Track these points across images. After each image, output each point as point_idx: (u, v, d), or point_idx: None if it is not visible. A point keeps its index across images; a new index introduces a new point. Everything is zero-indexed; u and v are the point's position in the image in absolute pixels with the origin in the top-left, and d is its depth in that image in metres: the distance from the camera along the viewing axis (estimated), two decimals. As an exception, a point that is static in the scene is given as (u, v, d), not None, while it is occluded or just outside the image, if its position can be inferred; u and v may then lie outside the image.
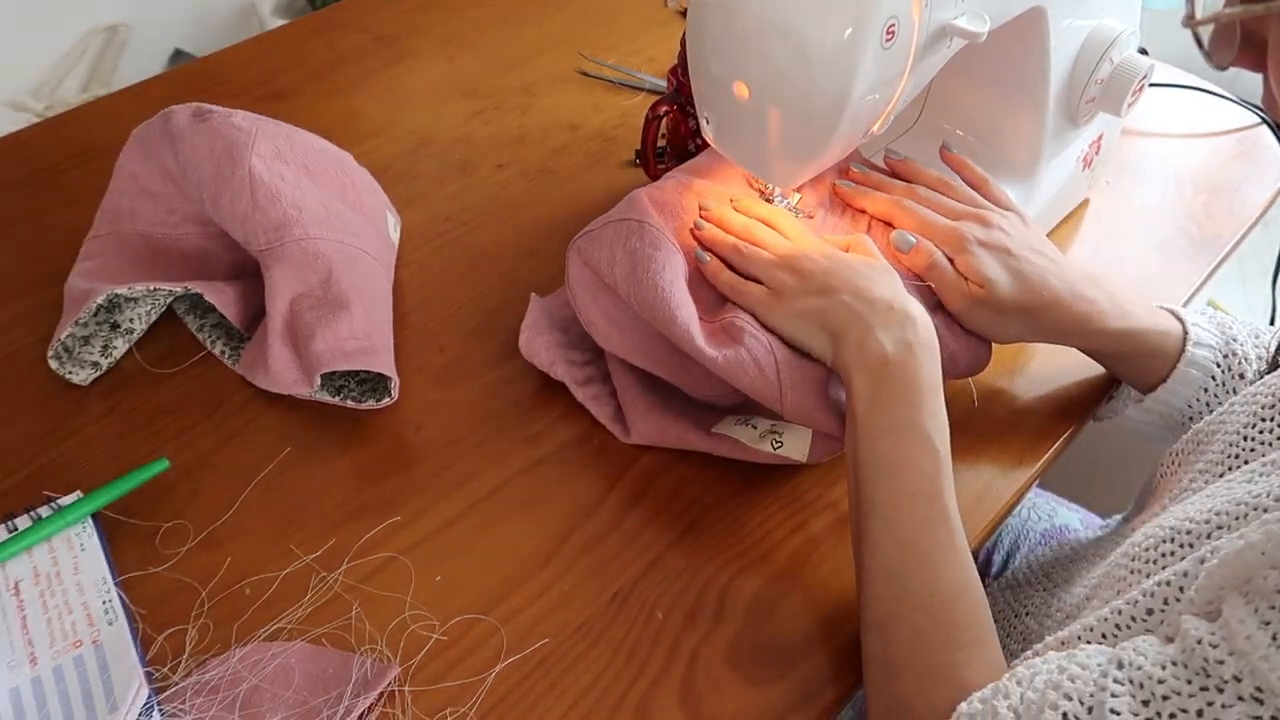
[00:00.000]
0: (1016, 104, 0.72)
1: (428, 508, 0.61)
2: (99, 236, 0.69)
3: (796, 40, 0.54)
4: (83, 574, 0.55)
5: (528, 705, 0.52)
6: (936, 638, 0.48)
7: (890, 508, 0.51)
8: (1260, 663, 0.35)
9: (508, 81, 0.95)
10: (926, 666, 0.48)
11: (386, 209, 0.75)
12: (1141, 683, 0.39)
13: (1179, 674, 0.38)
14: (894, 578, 0.50)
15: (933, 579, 0.49)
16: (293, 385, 0.62)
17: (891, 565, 0.50)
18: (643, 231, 0.61)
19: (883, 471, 0.52)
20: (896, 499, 0.51)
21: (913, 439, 0.52)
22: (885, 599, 0.50)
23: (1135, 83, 0.71)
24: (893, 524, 0.51)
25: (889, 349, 0.54)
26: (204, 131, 0.65)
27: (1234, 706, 0.36)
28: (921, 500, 0.51)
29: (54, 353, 0.65)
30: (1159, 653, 0.40)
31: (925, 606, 0.49)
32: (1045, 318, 0.61)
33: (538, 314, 0.65)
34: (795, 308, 0.58)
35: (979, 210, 0.64)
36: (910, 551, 0.50)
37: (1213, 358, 0.62)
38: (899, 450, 0.52)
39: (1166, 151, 0.91)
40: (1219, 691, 0.37)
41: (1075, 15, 0.68)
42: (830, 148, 0.59)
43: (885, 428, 0.53)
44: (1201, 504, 0.48)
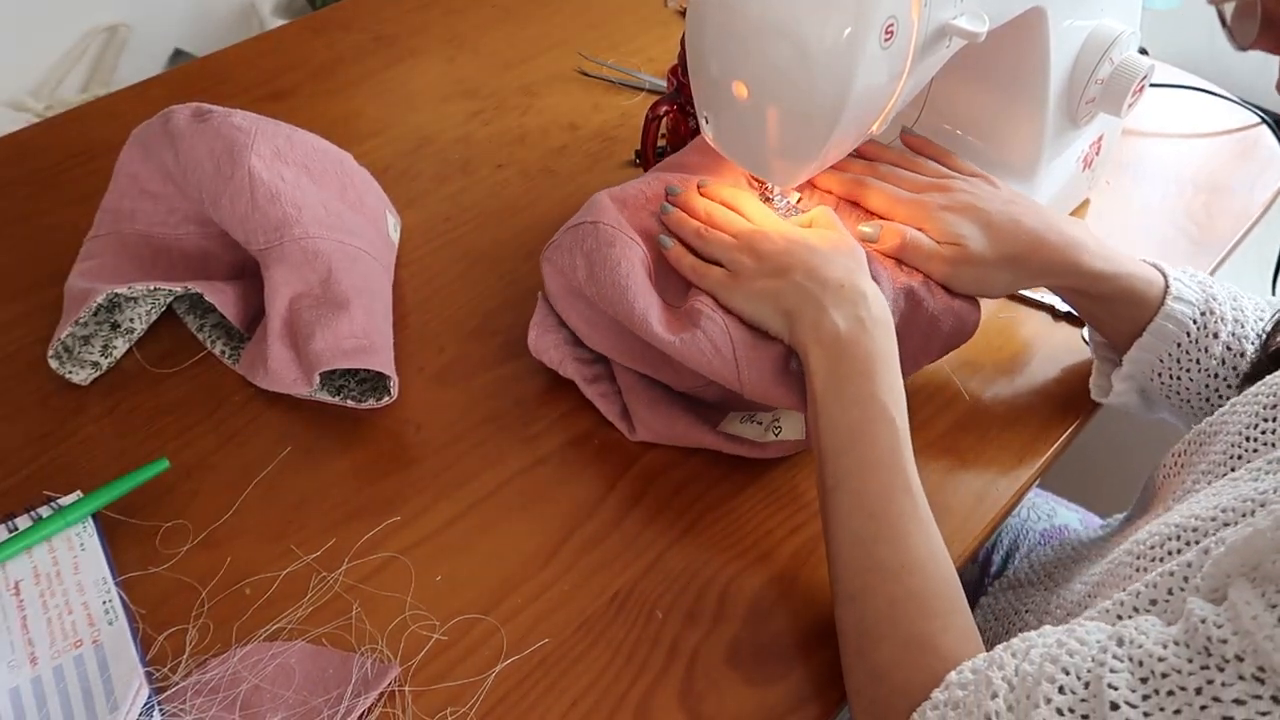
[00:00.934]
0: (1016, 104, 0.72)
1: (428, 508, 0.61)
2: (99, 236, 0.69)
3: (796, 40, 0.54)
4: (83, 574, 0.55)
5: (528, 705, 0.52)
6: (911, 606, 0.49)
7: (855, 479, 0.52)
8: (1265, 642, 0.35)
9: (508, 81, 0.95)
10: (904, 636, 0.48)
11: (386, 209, 0.75)
12: (1141, 660, 0.39)
13: (1180, 653, 0.38)
14: (864, 547, 0.51)
15: (902, 548, 0.50)
16: (292, 385, 0.62)
17: (861, 535, 0.51)
18: (597, 232, 0.62)
19: (844, 445, 0.53)
20: (861, 471, 0.52)
21: (872, 411, 0.53)
22: (857, 570, 0.51)
23: (1135, 83, 0.71)
24: (859, 495, 0.52)
25: (841, 326, 0.55)
26: (204, 131, 0.65)
27: (1234, 685, 0.36)
28: (884, 470, 0.52)
29: (54, 353, 0.65)
30: (1161, 632, 0.40)
31: (898, 575, 0.49)
32: (1031, 260, 0.62)
33: (545, 312, 0.66)
34: (752, 289, 0.59)
35: (940, 180, 0.66)
36: (878, 520, 0.51)
37: (1190, 314, 0.62)
38: (859, 423, 0.53)
39: (1166, 151, 0.91)
40: (1219, 670, 0.36)
41: (1075, 15, 0.68)
42: (829, 147, 0.59)
43: (844, 402, 0.54)
44: (1206, 501, 0.48)
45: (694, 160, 0.70)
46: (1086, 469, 1.10)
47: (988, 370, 0.71)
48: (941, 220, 0.62)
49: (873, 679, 0.49)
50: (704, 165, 0.69)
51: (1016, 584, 0.74)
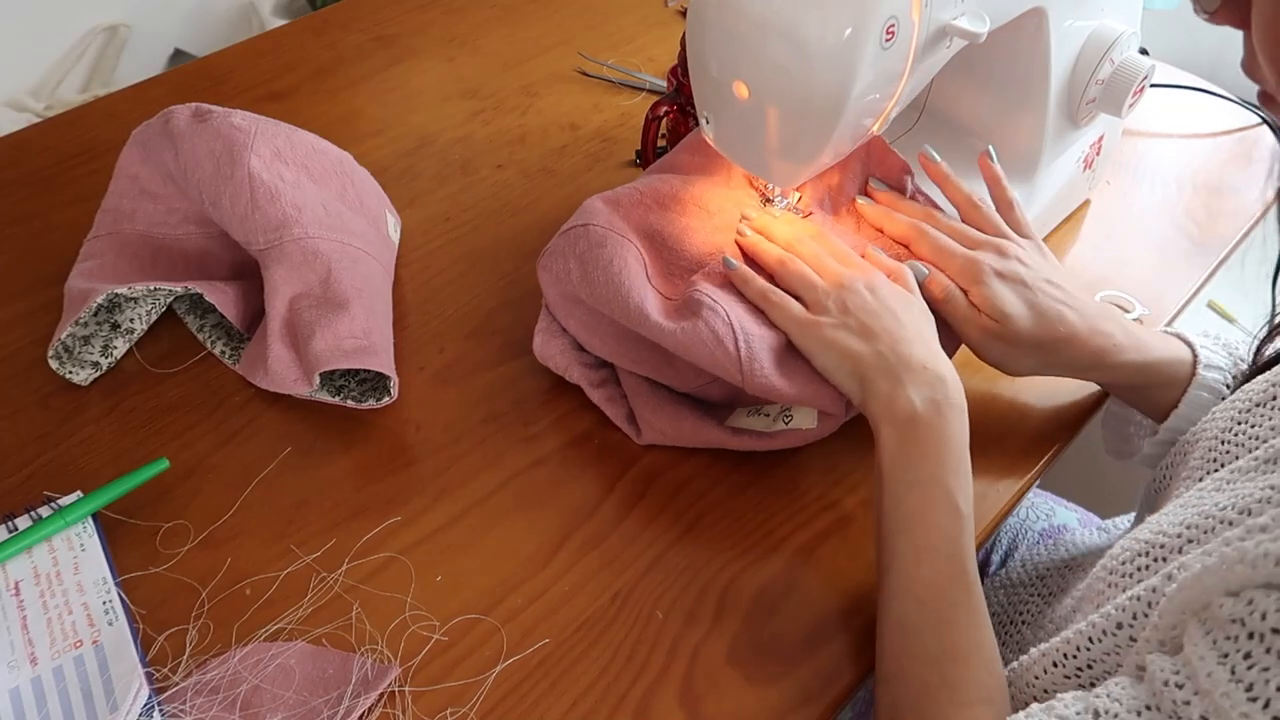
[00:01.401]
0: (1017, 105, 0.72)
1: (428, 508, 0.61)
2: (99, 236, 0.69)
3: (796, 40, 0.54)
4: (83, 574, 0.55)
5: (528, 705, 0.52)
6: (942, 695, 0.48)
7: (909, 562, 0.51)
8: (1222, 700, 0.35)
9: (508, 81, 0.95)
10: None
11: (386, 209, 0.75)
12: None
13: (1155, 719, 0.38)
14: (907, 632, 0.50)
15: (944, 636, 0.50)
16: (292, 385, 0.62)
17: (905, 620, 0.51)
18: (588, 234, 0.62)
19: (904, 526, 0.52)
20: (917, 554, 0.51)
21: (936, 496, 0.52)
22: (897, 653, 0.51)
23: (1136, 83, 0.71)
24: (910, 579, 0.51)
25: (918, 406, 0.54)
26: (204, 132, 0.65)
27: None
28: (941, 558, 0.51)
29: (54, 353, 0.65)
30: (1132, 698, 0.40)
31: (936, 662, 0.49)
32: (1062, 353, 0.60)
33: (548, 318, 0.65)
34: (831, 339, 0.57)
35: (997, 240, 0.63)
36: (925, 607, 0.50)
37: (1223, 379, 0.62)
38: (922, 506, 0.52)
39: (1166, 151, 0.91)
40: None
41: (1076, 16, 0.68)
42: (829, 147, 0.59)
43: (909, 483, 0.53)
44: (1175, 514, 0.48)
45: (685, 159, 0.70)
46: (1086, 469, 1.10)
47: (988, 370, 0.71)
48: (990, 289, 0.60)
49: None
50: (695, 164, 0.69)
51: (1010, 584, 0.74)
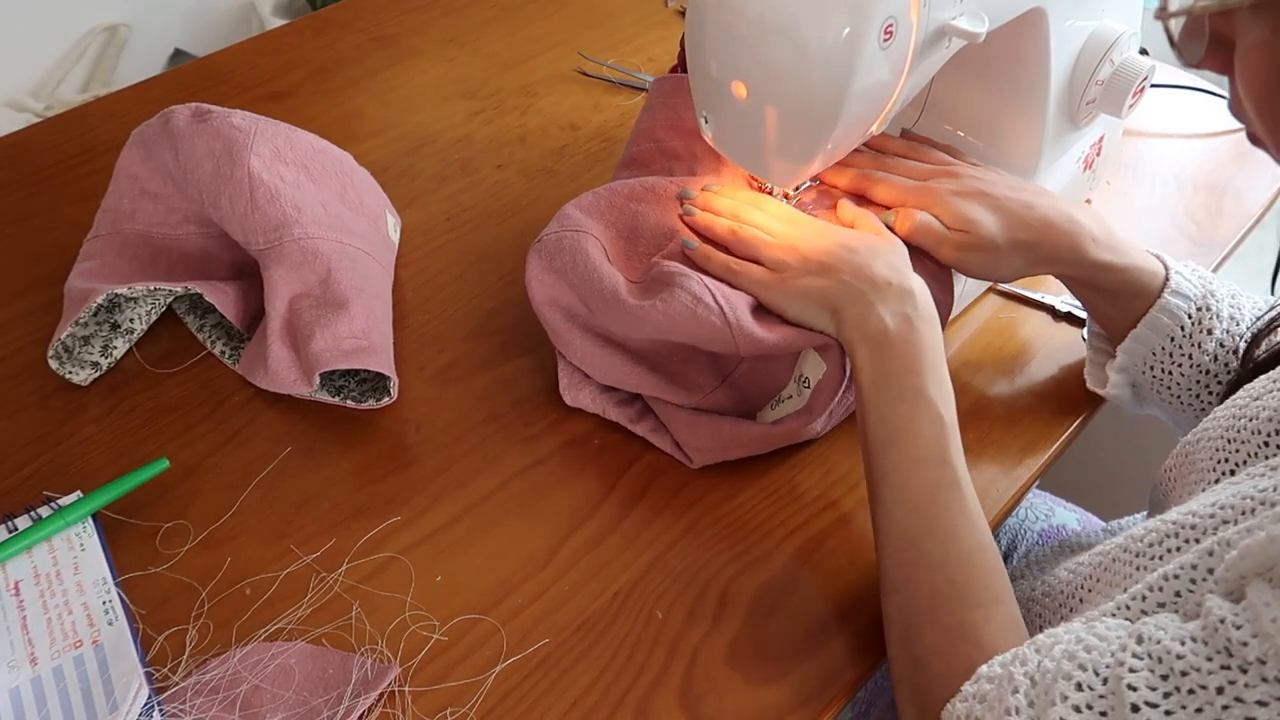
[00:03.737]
0: (1017, 105, 0.72)
1: (428, 508, 0.61)
2: (99, 237, 0.69)
3: (795, 40, 0.54)
4: (83, 574, 0.55)
5: (528, 705, 0.52)
6: (953, 597, 0.49)
7: (901, 474, 0.53)
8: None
9: (508, 81, 0.95)
10: (945, 626, 0.49)
11: (386, 209, 0.75)
12: (1160, 657, 0.39)
13: (1199, 650, 0.38)
14: (909, 541, 0.52)
15: (947, 541, 0.51)
16: (292, 385, 0.62)
17: (906, 529, 0.52)
18: (559, 241, 0.63)
19: (891, 439, 0.54)
20: (907, 465, 0.53)
21: (919, 406, 0.54)
22: (901, 562, 0.52)
23: (1136, 84, 0.70)
24: (904, 489, 0.53)
25: (889, 322, 0.56)
26: (203, 132, 0.65)
27: (1257, 687, 0.36)
28: (931, 465, 0.53)
29: (54, 353, 0.65)
30: (1179, 629, 0.40)
31: (941, 567, 0.50)
32: (1040, 246, 0.62)
33: (568, 367, 0.65)
34: (797, 287, 0.59)
35: (947, 166, 0.66)
36: (923, 515, 0.52)
37: (1185, 309, 0.62)
38: (905, 418, 0.54)
39: (1166, 151, 0.91)
40: (1242, 672, 0.37)
41: (1076, 16, 0.68)
42: (828, 147, 0.59)
43: (891, 398, 0.54)
44: (1205, 500, 0.48)
45: (639, 150, 0.71)
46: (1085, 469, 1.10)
47: (988, 370, 0.71)
48: (952, 205, 0.62)
49: (915, 666, 0.49)
50: (652, 153, 0.71)
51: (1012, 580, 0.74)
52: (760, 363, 0.63)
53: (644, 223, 0.65)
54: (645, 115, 0.73)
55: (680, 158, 0.70)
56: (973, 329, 0.74)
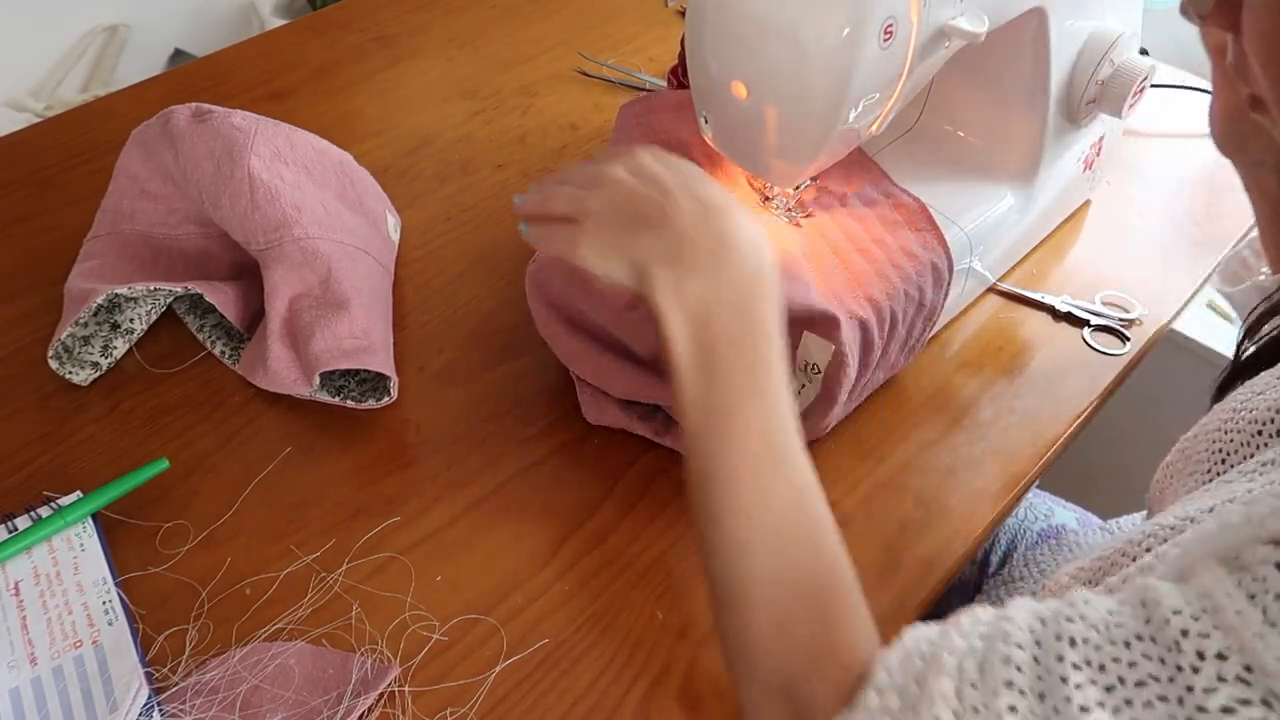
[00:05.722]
0: (1017, 105, 0.72)
1: (428, 508, 0.61)
2: (99, 237, 0.69)
3: (794, 40, 0.54)
4: (83, 574, 0.55)
5: (528, 705, 0.52)
6: (819, 591, 0.44)
7: (726, 467, 0.45)
8: (1255, 641, 0.33)
9: (508, 81, 0.95)
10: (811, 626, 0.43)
11: (386, 209, 0.75)
12: (1103, 664, 0.36)
13: (1150, 651, 0.35)
14: (739, 548, 0.45)
15: (796, 541, 0.45)
16: (292, 385, 0.62)
17: (738, 535, 0.45)
18: (556, 260, 0.62)
19: (711, 428, 0.46)
20: (730, 456, 0.46)
21: (742, 388, 0.46)
22: (733, 581, 0.46)
23: (1136, 84, 0.70)
24: (732, 483, 0.45)
25: (711, 292, 0.47)
26: (203, 132, 0.65)
27: (1218, 690, 0.33)
28: (756, 455, 0.45)
29: (54, 353, 0.65)
30: (1118, 625, 0.36)
31: (799, 567, 0.44)
32: None
33: (587, 388, 0.65)
34: (599, 241, 0.50)
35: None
36: (751, 517, 0.45)
37: None
38: (727, 403, 0.46)
39: (1166, 151, 0.91)
40: (1194, 672, 0.33)
41: (1075, 16, 0.68)
42: (828, 147, 0.59)
43: (710, 378, 0.47)
44: (1200, 500, 0.48)
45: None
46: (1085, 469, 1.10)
47: (987, 371, 0.71)
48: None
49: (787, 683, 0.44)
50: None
51: (1012, 580, 0.74)
52: None
53: None
54: (619, 135, 0.73)
55: None
56: (973, 329, 0.74)
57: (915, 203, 0.68)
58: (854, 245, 0.65)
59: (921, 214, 0.68)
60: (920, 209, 0.68)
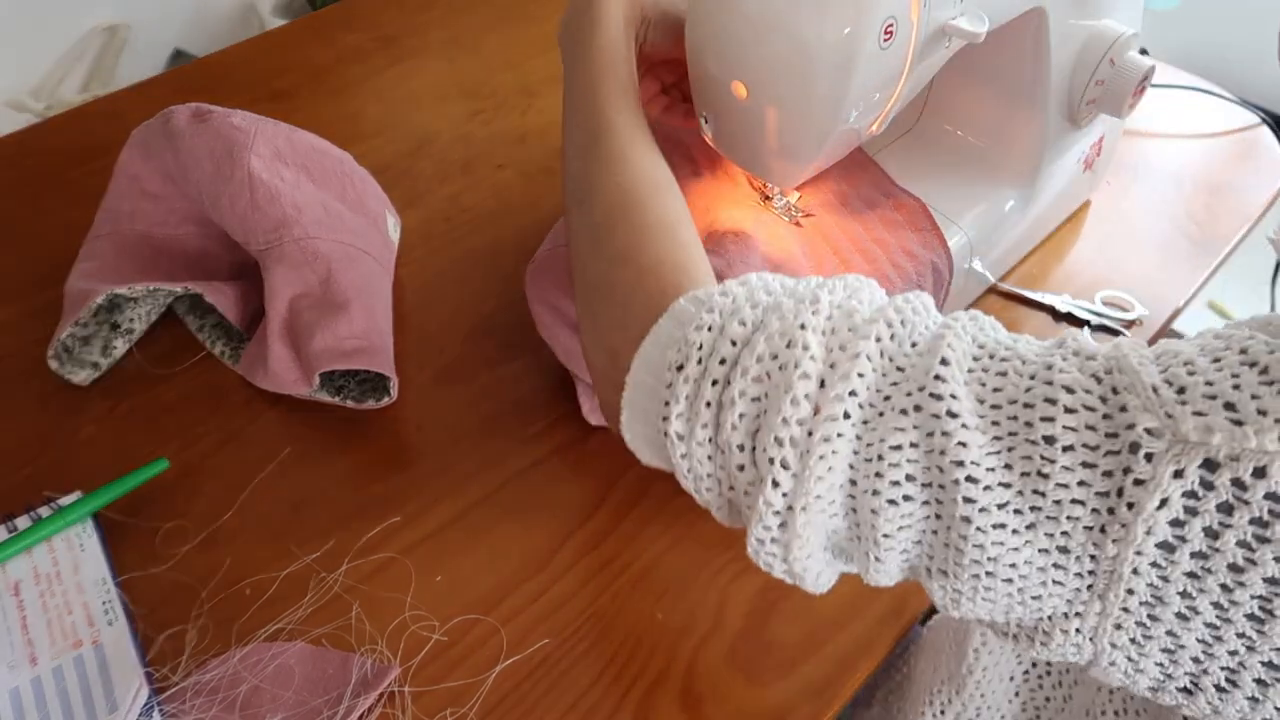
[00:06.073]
0: (1017, 105, 0.72)
1: (428, 508, 0.61)
2: (99, 237, 0.69)
3: (794, 40, 0.54)
4: (83, 574, 0.55)
5: (528, 706, 0.52)
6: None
7: (567, 132, 0.54)
8: (1130, 353, 0.34)
9: (508, 81, 0.95)
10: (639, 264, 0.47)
11: (386, 209, 0.75)
12: (984, 343, 0.38)
13: (1031, 346, 0.38)
14: (575, 201, 0.51)
15: (601, 189, 0.50)
16: (292, 385, 0.62)
17: (572, 190, 0.52)
18: (553, 255, 0.63)
19: (567, 117, 0.55)
20: (569, 125, 0.54)
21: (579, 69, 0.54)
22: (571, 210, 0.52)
23: (1136, 84, 0.70)
24: (568, 148, 0.53)
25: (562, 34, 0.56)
26: (203, 132, 0.65)
27: (1070, 373, 0.35)
28: (582, 120, 0.53)
29: (54, 353, 0.65)
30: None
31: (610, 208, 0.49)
32: None
33: (589, 390, 0.65)
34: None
35: None
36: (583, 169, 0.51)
37: None
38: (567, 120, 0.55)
39: (1166, 151, 0.91)
40: (1063, 359, 0.36)
41: (1075, 16, 0.68)
42: (828, 148, 0.59)
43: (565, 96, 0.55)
44: None
45: None
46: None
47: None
48: None
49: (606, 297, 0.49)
50: None
51: None
52: None
53: None
54: None
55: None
56: (973, 329, 0.74)
57: (916, 203, 0.68)
58: (855, 245, 0.65)
59: (922, 214, 0.68)
60: (921, 209, 0.68)
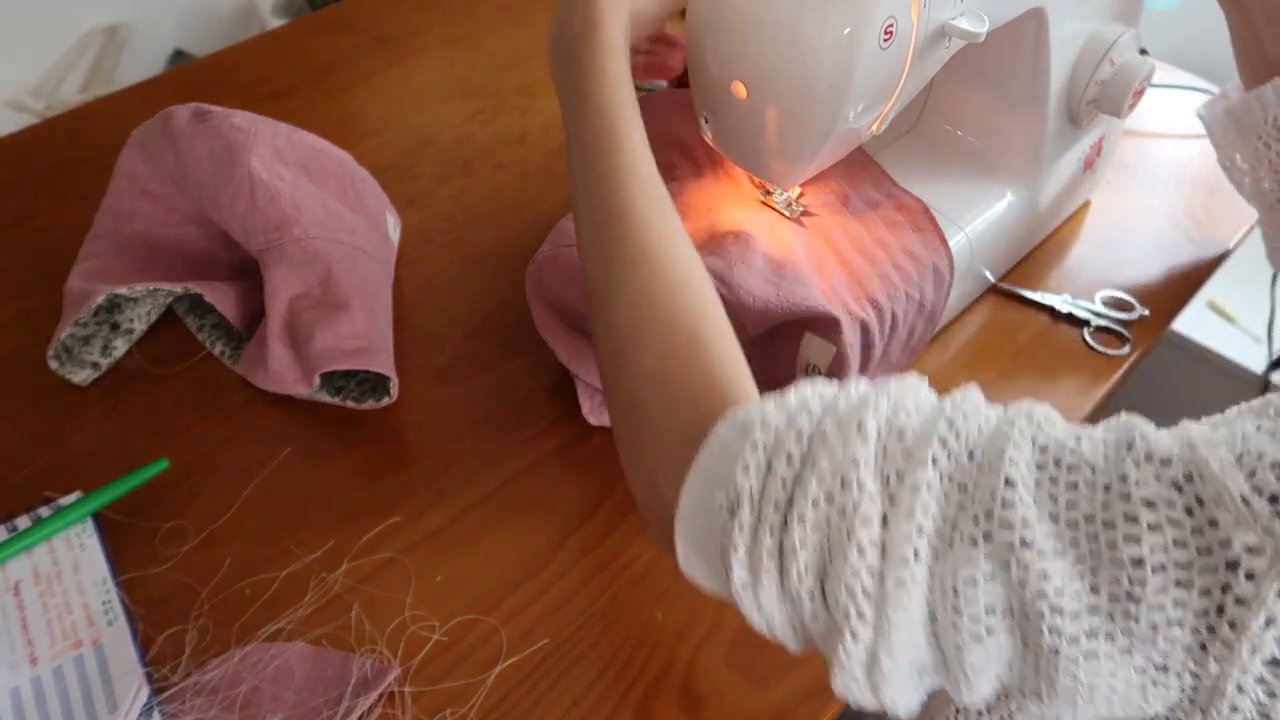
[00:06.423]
0: (1017, 105, 0.72)
1: (428, 508, 0.61)
2: (99, 237, 0.69)
3: (795, 40, 0.54)
4: (83, 574, 0.55)
5: (528, 706, 0.52)
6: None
7: (578, 184, 0.51)
8: (1204, 448, 0.32)
9: (508, 81, 0.95)
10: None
11: (386, 209, 0.75)
12: (1046, 446, 0.35)
13: (1097, 449, 0.34)
14: (601, 265, 0.49)
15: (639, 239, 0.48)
16: (292, 385, 0.62)
17: (591, 249, 0.49)
18: (555, 257, 0.63)
19: (572, 151, 0.53)
20: (583, 176, 0.52)
21: (588, 108, 0.54)
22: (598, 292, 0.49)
23: (1136, 84, 0.70)
24: (582, 202, 0.51)
25: (552, 58, 0.56)
26: (203, 132, 0.65)
27: (1149, 485, 0.32)
28: (601, 176, 0.51)
29: (54, 353, 0.65)
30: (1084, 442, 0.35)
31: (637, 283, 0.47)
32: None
33: (588, 389, 0.64)
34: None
35: None
36: (608, 217, 0.49)
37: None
38: (578, 127, 0.54)
39: (1166, 151, 0.91)
40: (1136, 466, 0.33)
41: (1075, 17, 0.68)
42: (828, 147, 0.59)
43: (566, 123, 0.54)
44: None
45: None
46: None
47: (988, 371, 0.71)
48: None
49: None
50: None
51: None
52: (765, 356, 0.63)
53: None
54: None
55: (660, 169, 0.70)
56: (972, 329, 0.74)
57: (918, 204, 0.68)
58: (856, 246, 0.65)
59: (924, 215, 0.68)
60: (923, 210, 0.68)
